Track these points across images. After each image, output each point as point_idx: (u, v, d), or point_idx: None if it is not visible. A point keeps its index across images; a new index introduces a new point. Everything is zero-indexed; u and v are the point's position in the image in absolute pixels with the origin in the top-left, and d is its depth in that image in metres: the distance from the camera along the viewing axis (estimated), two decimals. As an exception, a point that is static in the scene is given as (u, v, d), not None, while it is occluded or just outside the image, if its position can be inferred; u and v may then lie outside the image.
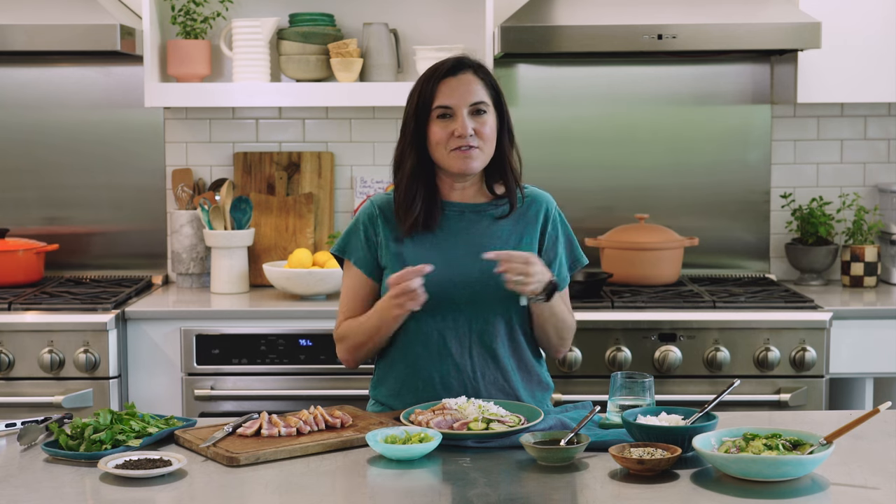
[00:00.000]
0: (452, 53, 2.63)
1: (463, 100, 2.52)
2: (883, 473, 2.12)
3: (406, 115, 2.58)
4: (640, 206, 4.12)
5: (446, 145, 2.52)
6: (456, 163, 2.53)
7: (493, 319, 2.57)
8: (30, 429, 2.35)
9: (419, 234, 2.58)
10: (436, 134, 2.53)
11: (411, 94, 2.58)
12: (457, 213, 2.61)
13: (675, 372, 3.55)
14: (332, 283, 3.73)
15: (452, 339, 2.56)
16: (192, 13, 3.99)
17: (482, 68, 2.59)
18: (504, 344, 2.59)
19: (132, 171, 4.16)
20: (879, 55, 3.84)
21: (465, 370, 2.57)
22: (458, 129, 2.51)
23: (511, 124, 2.61)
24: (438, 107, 2.52)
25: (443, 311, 2.54)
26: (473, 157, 2.53)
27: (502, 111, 2.59)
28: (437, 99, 2.53)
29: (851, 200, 4.16)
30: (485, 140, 2.54)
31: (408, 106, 2.58)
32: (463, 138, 2.51)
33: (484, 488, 2.04)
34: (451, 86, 2.53)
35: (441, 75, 2.54)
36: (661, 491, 2.03)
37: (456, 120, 2.52)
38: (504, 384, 2.58)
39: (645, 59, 4.13)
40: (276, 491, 2.06)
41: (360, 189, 4.14)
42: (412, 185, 2.56)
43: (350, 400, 3.43)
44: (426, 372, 2.56)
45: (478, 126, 2.53)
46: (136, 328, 3.62)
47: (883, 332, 3.65)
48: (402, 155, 2.58)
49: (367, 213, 2.62)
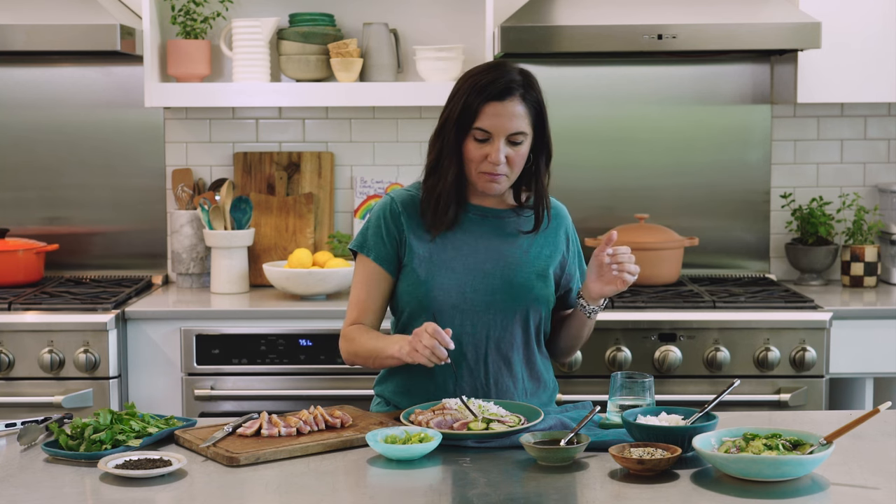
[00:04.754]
0: (501, 72, 2.53)
1: (503, 129, 2.50)
2: (883, 473, 2.12)
3: (447, 118, 2.54)
4: (640, 206, 4.12)
5: (477, 165, 2.53)
6: (482, 184, 2.55)
7: (511, 327, 2.58)
8: (30, 429, 2.35)
9: (442, 234, 2.58)
10: (470, 152, 2.53)
11: (454, 99, 2.54)
12: (479, 217, 2.61)
13: (675, 372, 3.55)
14: (332, 283, 3.73)
15: (469, 344, 2.56)
16: (192, 13, 3.99)
17: (531, 90, 2.53)
18: (519, 352, 2.60)
19: (132, 171, 4.16)
20: (879, 55, 3.84)
21: (479, 376, 2.57)
22: (492, 156, 2.50)
23: (550, 145, 2.59)
24: (478, 129, 2.51)
25: (461, 316, 2.54)
26: (499, 181, 2.54)
27: (543, 129, 2.56)
28: (479, 120, 2.50)
29: (851, 200, 4.16)
30: (514, 167, 2.54)
31: (449, 110, 2.54)
32: (495, 165, 2.51)
33: (484, 488, 2.04)
34: (495, 111, 2.50)
35: (488, 97, 2.50)
36: (661, 491, 2.03)
37: (492, 145, 2.51)
38: (514, 392, 2.59)
39: (645, 59, 4.13)
40: (276, 491, 2.06)
41: (360, 189, 4.14)
42: (450, 193, 2.55)
43: (350, 400, 3.43)
44: (440, 377, 2.56)
45: (511, 153, 2.52)
46: (136, 328, 3.62)
47: (883, 332, 3.65)
48: (440, 160, 2.56)
49: (388, 209, 2.61)
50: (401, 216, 2.59)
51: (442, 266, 2.56)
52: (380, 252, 2.60)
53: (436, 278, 2.54)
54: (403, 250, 2.59)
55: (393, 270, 2.60)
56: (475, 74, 2.54)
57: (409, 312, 2.60)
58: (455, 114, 2.52)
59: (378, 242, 2.60)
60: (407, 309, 2.60)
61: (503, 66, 2.55)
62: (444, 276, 2.54)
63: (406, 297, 2.58)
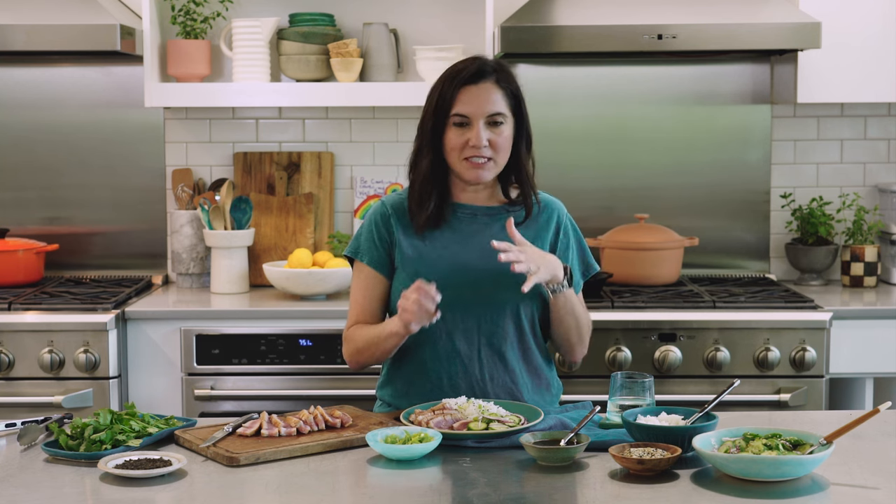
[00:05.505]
0: (471, 55, 2.62)
1: (480, 110, 2.52)
2: (883, 473, 2.12)
3: (425, 114, 2.58)
4: (640, 206, 4.12)
5: (460, 153, 2.53)
6: (467, 172, 2.55)
7: (501, 322, 2.57)
8: (30, 429, 2.35)
9: (431, 233, 2.59)
10: (451, 140, 2.54)
11: (431, 93, 2.58)
12: (469, 216, 2.62)
13: (675, 372, 3.55)
14: (332, 283, 3.73)
15: (461, 340, 2.56)
16: (192, 13, 3.98)
17: (504, 75, 2.56)
18: (513, 347, 2.59)
19: (132, 171, 4.16)
20: (879, 55, 3.84)
21: (474, 372, 2.57)
22: (473, 139, 2.51)
23: (530, 131, 2.61)
24: (456, 114, 2.52)
25: (452, 312, 2.54)
26: (485, 167, 2.54)
27: (521, 117, 2.58)
28: (455, 106, 2.52)
29: (851, 200, 4.16)
30: (498, 150, 2.54)
31: (427, 104, 2.58)
32: (477, 149, 2.52)
33: (484, 488, 2.04)
34: (470, 94, 2.52)
35: (461, 82, 2.53)
36: (661, 491, 2.03)
37: (471, 129, 2.52)
38: (512, 387, 2.59)
39: (645, 59, 4.13)
40: (276, 491, 2.06)
41: (360, 189, 4.14)
42: (426, 184, 2.57)
43: (350, 400, 3.43)
44: (434, 373, 2.56)
45: (493, 137, 2.53)
46: (136, 328, 3.62)
47: (883, 332, 3.65)
48: (418, 154, 2.60)
49: (379, 213, 2.63)
50: (391, 219, 2.61)
51: (430, 263, 2.57)
52: (373, 256, 2.61)
53: (424, 275, 2.54)
54: (395, 252, 2.60)
55: (387, 273, 2.62)
56: (450, 68, 2.59)
57: None
58: (432, 105, 2.55)
59: (371, 247, 2.62)
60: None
61: (477, 57, 2.59)
62: (432, 273, 2.54)
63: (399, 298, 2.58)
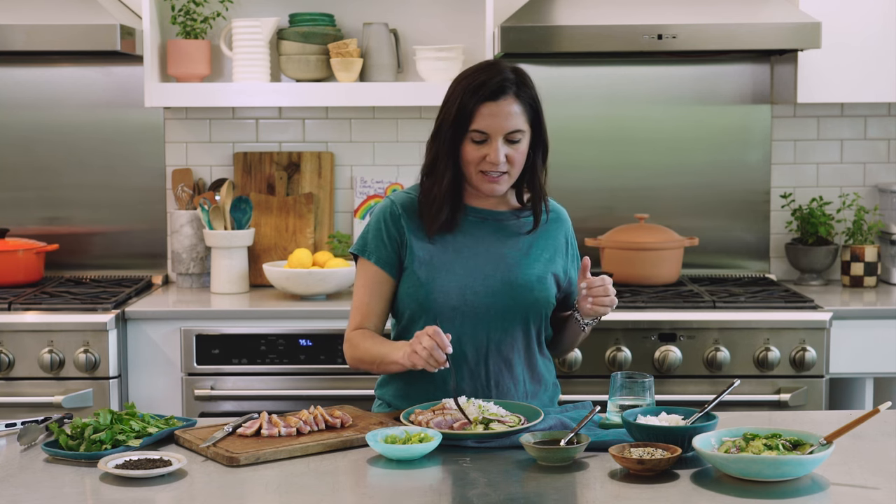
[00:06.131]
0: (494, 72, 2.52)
1: (500, 128, 2.50)
2: (883, 473, 2.12)
3: (443, 120, 2.54)
4: (640, 206, 4.12)
5: (477, 166, 2.52)
6: (483, 185, 2.54)
7: (511, 329, 2.57)
8: (30, 429, 2.35)
9: (442, 237, 2.57)
10: (468, 154, 2.52)
11: (450, 101, 2.53)
12: (479, 220, 2.61)
13: (675, 372, 3.55)
14: (332, 283, 3.73)
15: (469, 345, 2.55)
16: (192, 13, 3.98)
17: (524, 88, 2.53)
18: (520, 354, 2.60)
19: (132, 171, 4.16)
20: (879, 55, 3.84)
21: (480, 378, 2.57)
22: (491, 156, 2.50)
23: (547, 140, 2.59)
24: (475, 131, 2.50)
25: (461, 318, 2.54)
26: (500, 181, 2.54)
27: (539, 127, 2.56)
28: (475, 122, 2.50)
29: (851, 200, 4.16)
30: (514, 165, 2.53)
31: (444, 111, 2.54)
32: (494, 165, 2.51)
33: (484, 488, 2.04)
34: (490, 111, 2.49)
35: (482, 98, 2.49)
36: (661, 491, 2.03)
37: (490, 146, 2.50)
38: (515, 393, 2.59)
39: (645, 59, 4.13)
40: (276, 491, 2.06)
41: (360, 189, 4.14)
42: (446, 194, 2.55)
43: (350, 400, 3.43)
44: (440, 377, 2.54)
45: (510, 152, 2.52)
46: (136, 328, 3.62)
47: (883, 332, 3.65)
48: (436, 162, 2.55)
49: (388, 211, 2.60)
50: (401, 218, 2.59)
51: (442, 268, 2.55)
52: (381, 255, 2.59)
53: (436, 281, 2.54)
54: (405, 252, 2.58)
55: (395, 273, 2.60)
56: (468, 76, 2.54)
57: (410, 315, 2.59)
58: (451, 117, 2.51)
59: (379, 245, 2.59)
60: (407, 312, 2.59)
61: (495, 66, 2.55)
62: (445, 279, 2.54)
63: (406, 300, 2.58)
